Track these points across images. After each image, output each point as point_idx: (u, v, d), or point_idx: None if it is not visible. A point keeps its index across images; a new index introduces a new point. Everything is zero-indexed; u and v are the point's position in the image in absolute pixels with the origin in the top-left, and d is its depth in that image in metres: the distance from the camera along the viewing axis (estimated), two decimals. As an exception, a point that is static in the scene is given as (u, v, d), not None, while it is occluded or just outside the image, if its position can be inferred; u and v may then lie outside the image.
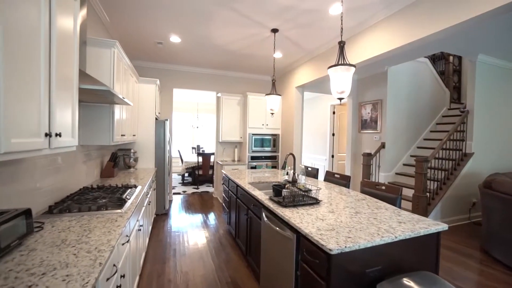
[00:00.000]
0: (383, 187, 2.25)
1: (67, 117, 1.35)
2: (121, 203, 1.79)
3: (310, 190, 2.09)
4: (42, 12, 1.07)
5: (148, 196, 2.87)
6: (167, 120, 4.16)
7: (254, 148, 5.00)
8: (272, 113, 3.26)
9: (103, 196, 1.93)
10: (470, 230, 3.73)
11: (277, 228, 1.72)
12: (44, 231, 1.30)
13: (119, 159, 3.63)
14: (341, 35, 2.05)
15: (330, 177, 3.07)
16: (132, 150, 3.65)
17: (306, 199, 1.98)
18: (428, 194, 3.68)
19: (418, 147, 5.09)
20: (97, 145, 2.85)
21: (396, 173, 4.87)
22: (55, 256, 1.04)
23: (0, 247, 0.98)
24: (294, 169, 2.56)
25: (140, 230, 2.12)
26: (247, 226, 2.51)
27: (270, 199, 2.04)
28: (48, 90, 1.15)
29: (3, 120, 0.84)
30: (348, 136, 5.67)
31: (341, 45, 1.95)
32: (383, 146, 4.77)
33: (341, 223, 1.50)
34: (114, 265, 1.20)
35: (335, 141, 6.50)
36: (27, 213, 1.17)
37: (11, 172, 1.35)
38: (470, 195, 4.08)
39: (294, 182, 2.38)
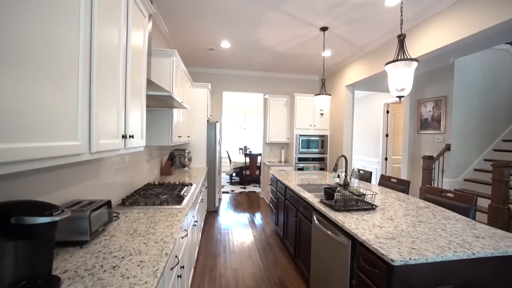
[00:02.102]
0: (451, 195, 1.99)
1: (137, 120, 1.53)
2: (179, 199, 1.95)
3: (364, 195, 1.97)
4: (121, 31, 1.23)
5: (201, 194, 3.06)
6: (217, 122, 4.38)
7: (301, 149, 4.92)
8: (322, 114, 3.17)
9: (164, 192, 2.13)
10: None
11: (330, 233, 1.66)
12: (119, 220, 1.50)
13: (176, 158, 3.95)
14: (401, 28, 1.88)
15: (386, 181, 2.84)
16: (186, 150, 3.94)
17: (360, 204, 1.87)
18: (510, 206, 3.13)
19: (494, 150, 4.37)
20: (158, 145, 3.15)
21: (465, 180, 4.27)
22: (130, 243, 1.18)
23: (91, 230, 1.16)
24: (346, 172, 2.45)
25: (195, 225, 2.28)
26: (296, 228, 2.48)
27: (322, 202, 1.99)
28: (124, 98, 1.31)
29: (95, 125, 0.99)
30: (404, 137, 5.18)
31: (401, 38, 1.79)
32: (448, 148, 4.23)
33: (402, 232, 1.37)
34: (176, 256, 1.32)
35: (389, 142, 6.00)
36: (108, 204, 1.35)
37: (95, 168, 1.59)
38: None
39: (346, 185, 2.27)
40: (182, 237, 1.59)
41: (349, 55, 4.14)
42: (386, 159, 6.04)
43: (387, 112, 5.98)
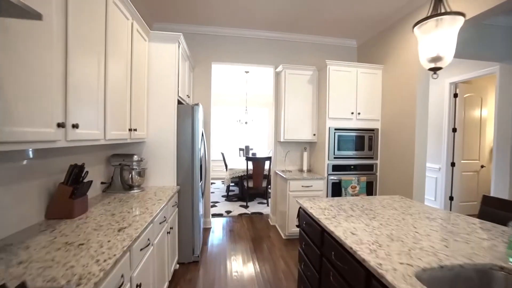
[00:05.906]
0: None
1: None
2: None
3: None
4: None
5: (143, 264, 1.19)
6: (197, 105, 2.51)
7: (337, 152, 3.04)
8: (436, 70, 1.28)
9: None
10: None
11: None
12: None
13: (117, 173, 2.08)
14: None
15: None
16: (135, 157, 2.08)
17: None
18: None
19: None
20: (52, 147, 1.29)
21: None
22: None
23: None
24: None
25: None
26: None
27: None
28: None
29: None
30: (495, 131, 3.31)
31: None
32: None
33: None
34: None
35: (457, 140, 4.09)
36: None
37: None
38: None
39: None
40: None
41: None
42: (453, 164, 4.13)
43: (455, 95, 4.06)
